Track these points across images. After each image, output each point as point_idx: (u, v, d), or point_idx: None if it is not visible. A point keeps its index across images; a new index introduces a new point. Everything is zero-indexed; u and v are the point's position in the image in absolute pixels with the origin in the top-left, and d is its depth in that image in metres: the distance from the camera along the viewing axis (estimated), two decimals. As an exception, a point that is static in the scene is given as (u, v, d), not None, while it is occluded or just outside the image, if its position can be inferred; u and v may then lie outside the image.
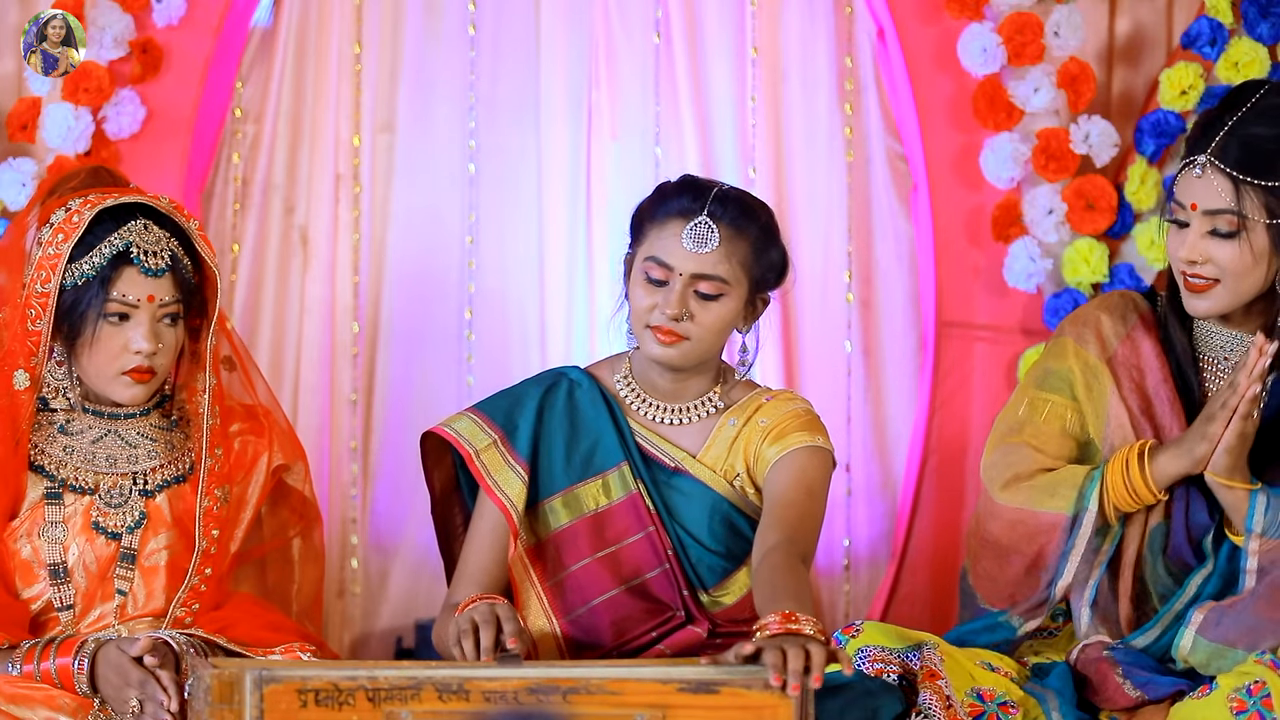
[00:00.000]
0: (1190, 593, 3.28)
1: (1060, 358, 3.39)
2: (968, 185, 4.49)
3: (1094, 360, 3.37)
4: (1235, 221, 3.21)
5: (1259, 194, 3.20)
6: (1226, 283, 3.24)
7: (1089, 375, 3.37)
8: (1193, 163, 3.23)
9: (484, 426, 3.36)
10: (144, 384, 3.25)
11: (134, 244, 3.21)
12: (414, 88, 4.66)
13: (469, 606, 3.12)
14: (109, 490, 3.26)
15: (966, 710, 3.10)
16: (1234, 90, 3.34)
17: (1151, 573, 3.32)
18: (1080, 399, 3.37)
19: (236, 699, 2.67)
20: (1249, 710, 3.08)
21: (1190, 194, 3.24)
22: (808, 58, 4.67)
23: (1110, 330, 3.39)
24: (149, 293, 3.22)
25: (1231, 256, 3.22)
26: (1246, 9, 4.40)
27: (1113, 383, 3.35)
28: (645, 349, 3.28)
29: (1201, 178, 3.22)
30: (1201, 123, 3.30)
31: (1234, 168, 3.20)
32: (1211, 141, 3.22)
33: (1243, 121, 3.22)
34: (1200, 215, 3.23)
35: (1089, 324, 3.40)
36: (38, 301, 3.22)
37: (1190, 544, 3.30)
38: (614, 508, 3.34)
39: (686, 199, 3.27)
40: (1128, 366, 3.37)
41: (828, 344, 4.68)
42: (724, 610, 3.32)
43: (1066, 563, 3.31)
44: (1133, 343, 3.38)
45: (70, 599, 3.23)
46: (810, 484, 3.27)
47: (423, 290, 4.66)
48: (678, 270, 3.24)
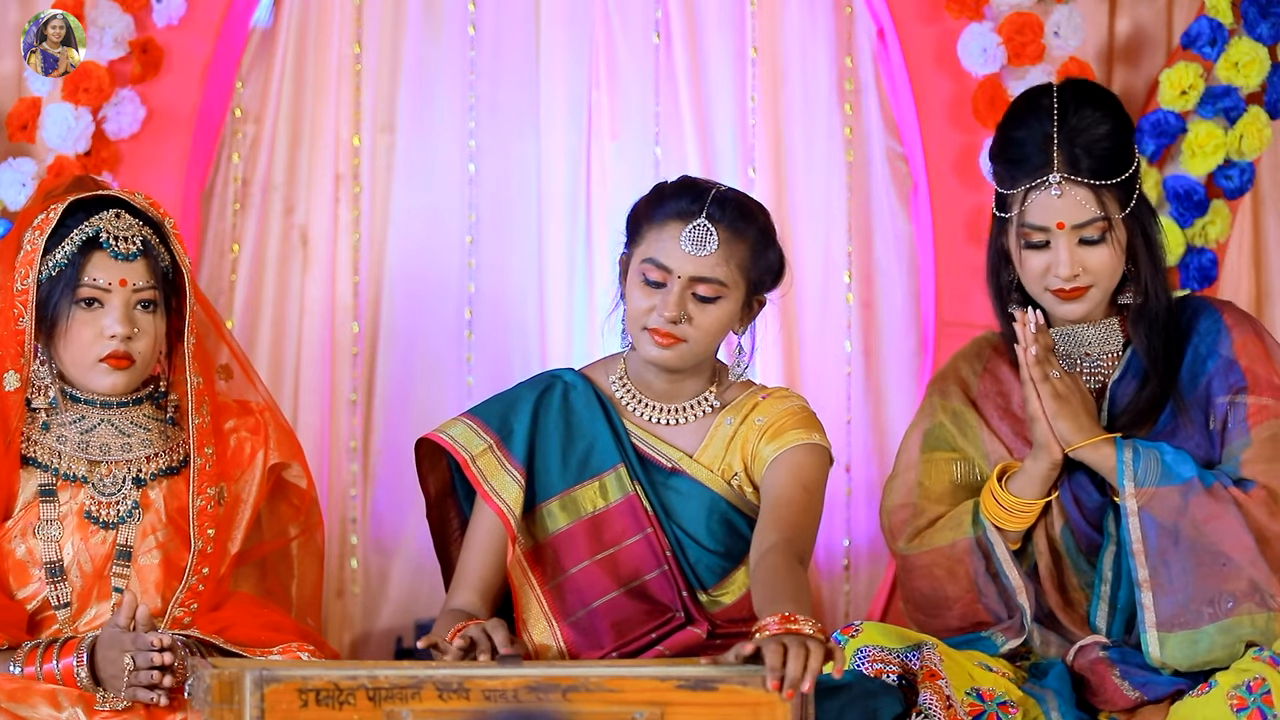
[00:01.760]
0: (1106, 576, 3.32)
1: (931, 415, 3.48)
2: (968, 185, 4.49)
3: (959, 407, 3.45)
4: (1104, 226, 3.29)
5: (1113, 192, 3.29)
6: (1101, 283, 3.32)
7: (959, 422, 3.44)
8: (1044, 184, 3.28)
9: (479, 431, 3.35)
10: (123, 370, 3.24)
11: (104, 229, 3.23)
12: (414, 88, 4.66)
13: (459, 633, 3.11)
14: (102, 479, 3.26)
15: (966, 710, 3.10)
16: (1026, 103, 3.38)
17: (1076, 571, 3.36)
18: (960, 446, 3.44)
19: (237, 699, 2.66)
20: (1249, 707, 3.09)
21: (1052, 214, 3.29)
22: (808, 58, 4.67)
23: (968, 372, 3.49)
24: (120, 276, 3.22)
25: (1103, 260, 3.30)
26: (1246, 9, 4.40)
27: (979, 420, 3.43)
28: (642, 350, 3.28)
29: (1061, 195, 3.28)
30: (1015, 141, 3.33)
31: (1090, 175, 3.27)
32: (1050, 158, 3.27)
33: (1072, 131, 3.28)
34: (1069, 231, 3.29)
35: (949, 377, 3.50)
36: (19, 300, 3.23)
37: (1093, 527, 3.33)
38: (611, 510, 3.33)
39: (685, 200, 3.26)
40: (991, 396, 3.45)
41: (828, 344, 4.68)
42: (723, 610, 3.32)
43: (1006, 574, 3.34)
44: (991, 374, 3.47)
45: (67, 597, 3.23)
46: (807, 481, 3.27)
47: (423, 290, 4.66)
48: (676, 273, 3.23)
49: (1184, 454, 3.25)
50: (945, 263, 4.52)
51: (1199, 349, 3.35)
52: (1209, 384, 3.32)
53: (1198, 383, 3.33)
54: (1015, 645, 3.35)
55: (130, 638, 3.04)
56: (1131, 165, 3.31)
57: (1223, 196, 4.47)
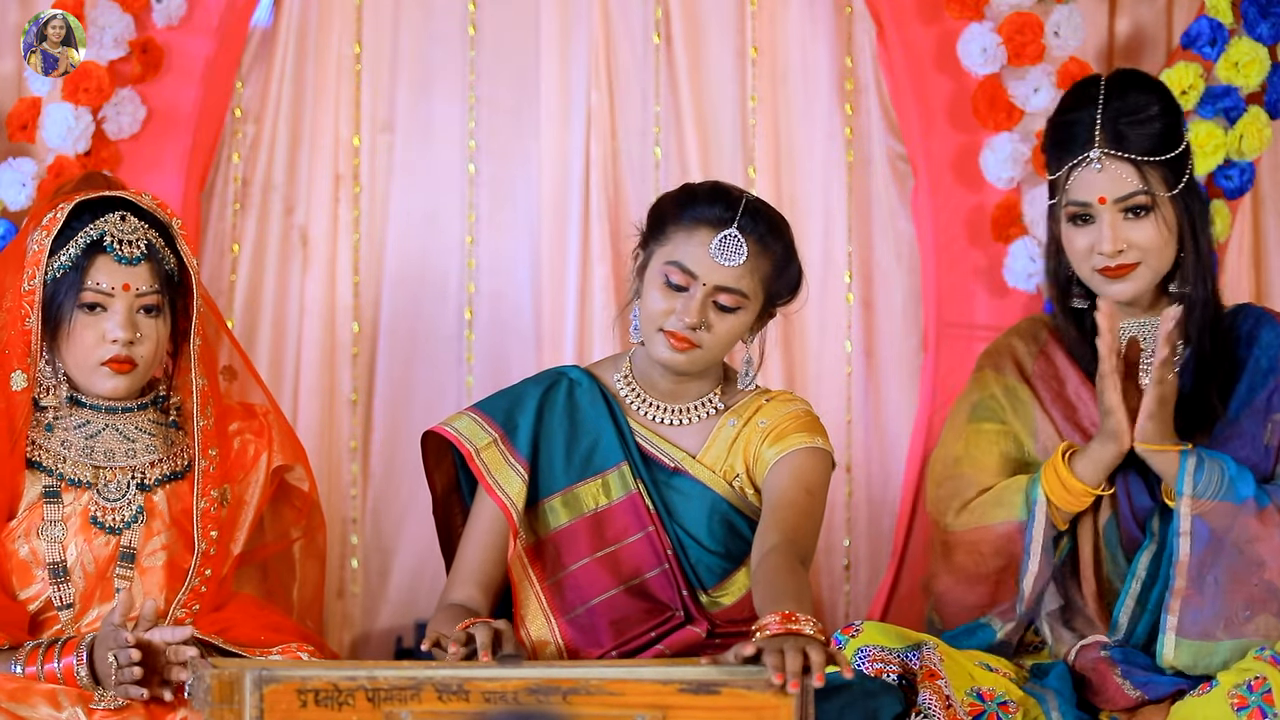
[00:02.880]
0: (1140, 574, 3.33)
1: (983, 387, 3.49)
2: (968, 185, 4.49)
3: (1013, 382, 3.46)
4: (1148, 199, 3.31)
5: (1158, 170, 3.32)
6: (1148, 261, 3.34)
7: (1011, 397, 3.45)
8: (1086, 159, 3.31)
9: (484, 425, 3.36)
10: (125, 375, 3.25)
11: (108, 233, 3.22)
12: (414, 88, 4.66)
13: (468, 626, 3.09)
14: (107, 484, 3.26)
15: (966, 710, 3.11)
16: (1075, 91, 3.44)
17: (1114, 566, 3.36)
18: (1009, 420, 3.45)
19: (236, 699, 2.67)
20: (1250, 706, 3.09)
21: (1093, 189, 3.32)
22: (808, 58, 4.67)
23: (1024, 351, 3.50)
24: (124, 281, 3.22)
25: (1149, 234, 3.33)
26: (1246, 9, 4.39)
27: (1034, 399, 3.45)
28: (654, 350, 3.28)
29: (1102, 170, 3.32)
30: (1062, 125, 3.39)
31: (1133, 151, 3.31)
32: (1093, 136, 3.31)
33: (1115, 111, 3.31)
34: (1110, 206, 3.32)
35: (1003, 352, 3.52)
36: (26, 300, 3.23)
37: (1140, 529, 3.33)
38: (613, 507, 3.34)
39: (718, 208, 3.25)
40: (1046, 379, 3.45)
41: (828, 344, 4.67)
42: (723, 610, 3.32)
43: (1030, 557, 3.34)
44: (1046, 357, 3.47)
45: (70, 598, 3.23)
46: (810, 485, 3.27)
47: (423, 290, 4.65)
48: (702, 279, 3.23)
49: (1246, 470, 3.25)
50: (945, 263, 4.51)
51: (1260, 361, 3.36)
52: (1269, 398, 3.32)
53: (1256, 395, 3.33)
54: (1010, 630, 3.35)
55: (111, 635, 3.03)
56: (1178, 146, 3.34)
57: (1223, 196, 4.46)
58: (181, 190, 4.38)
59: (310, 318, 4.62)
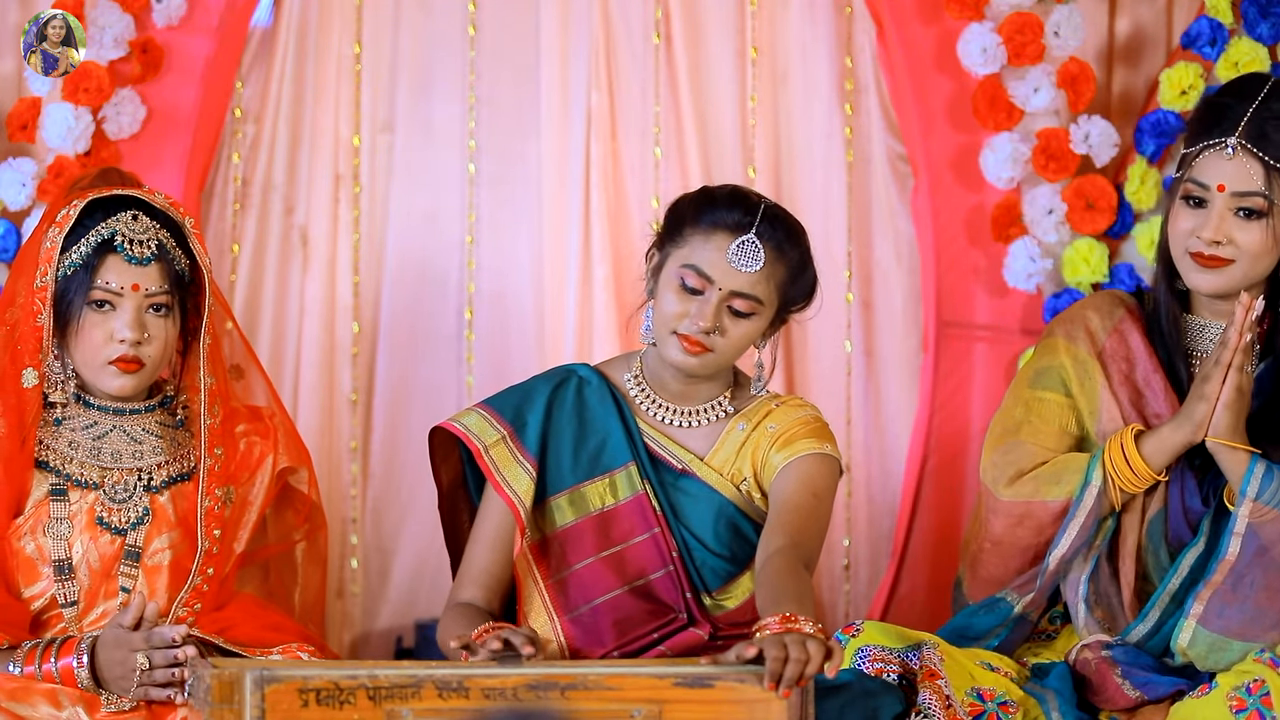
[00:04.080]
0: (1183, 572, 3.30)
1: (1052, 354, 3.43)
2: (968, 185, 4.49)
3: (1084, 355, 3.41)
4: (1264, 204, 3.27)
5: None
6: (1242, 263, 3.30)
7: (1080, 370, 3.41)
8: (1221, 144, 3.28)
9: (493, 422, 3.36)
10: (132, 374, 3.25)
11: (119, 232, 3.22)
12: (414, 88, 4.66)
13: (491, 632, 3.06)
14: (113, 485, 3.26)
15: (966, 710, 3.11)
16: (1241, 80, 3.39)
17: (1154, 559, 3.34)
18: (1074, 394, 3.40)
19: (237, 699, 2.67)
20: (1249, 709, 3.09)
21: (1218, 175, 3.28)
22: (808, 58, 4.67)
23: (1098, 325, 3.44)
24: (134, 281, 3.22)
25: (1254, 239, 3.29)
26: (1246, 9, 4.40)
27: (1103, 376, 3.40)
28: (665, 352, 3.27)
29: (1232, 159, 3.28)
30: (1213, 106, 3.33)
31: (1269, 154, 3.26)
32: (1237, 125, 3.27)
33: (1268, 111, 3.27)
34: (1227, 196, 3.28)
35: (1077, 321, 3.45)
36: (39, 296, 3.23)
37: (1189, 527, 3.32)
38: (620, 507, 3.34)
39: (737, 213, 3.25)
40: (1116, 359, 3.41)
41: (828, 344, 4.67)
42: (726, 614, 3.32)
43: (1065, 533, 3.32)
44: (1120, 335, 3.42)
45: (74, 595, 3.23)
46: (816, 490, 3.27)
47: (423, 290, 4.66)
48: (718, 284, 3.23)
49: None
50: (945, 263, 4.51)
51: None
52: None
53: None
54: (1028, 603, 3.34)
55: (142, 637, 3.04)
56: None
57: (1222, 196, 4.46)
58: (181, 190, 4.38)
59: (310, 317, 4.62)
